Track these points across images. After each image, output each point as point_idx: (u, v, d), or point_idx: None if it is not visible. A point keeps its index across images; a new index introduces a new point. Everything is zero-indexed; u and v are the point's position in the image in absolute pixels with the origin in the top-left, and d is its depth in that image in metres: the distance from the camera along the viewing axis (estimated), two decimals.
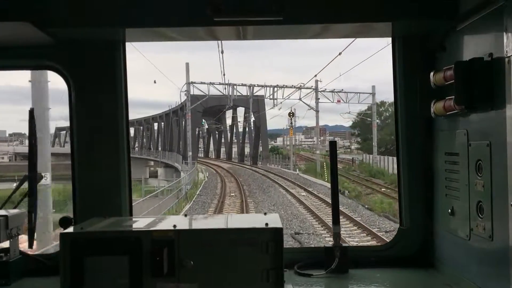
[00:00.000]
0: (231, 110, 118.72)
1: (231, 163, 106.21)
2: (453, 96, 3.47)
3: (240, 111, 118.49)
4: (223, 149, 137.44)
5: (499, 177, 3.13)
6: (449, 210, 3.82)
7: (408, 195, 4.28)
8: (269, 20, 3.76)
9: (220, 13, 3.68)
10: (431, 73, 3.88)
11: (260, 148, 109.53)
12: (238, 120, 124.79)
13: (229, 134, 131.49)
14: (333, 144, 4.19)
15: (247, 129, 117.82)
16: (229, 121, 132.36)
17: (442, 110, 3.76)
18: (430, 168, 4.17)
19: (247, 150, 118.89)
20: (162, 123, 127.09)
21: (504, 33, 3.03)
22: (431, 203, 4.19)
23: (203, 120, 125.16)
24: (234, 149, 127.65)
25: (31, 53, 4.16)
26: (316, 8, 3.81)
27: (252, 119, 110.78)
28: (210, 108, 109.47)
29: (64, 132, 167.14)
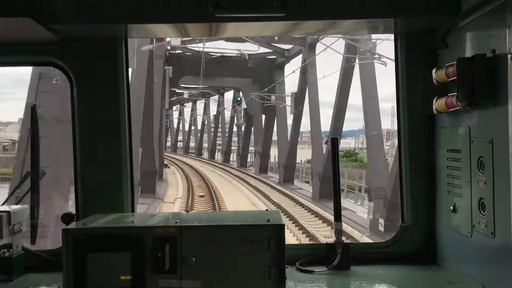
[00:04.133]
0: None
1: None
2: (455, 93, 3.47)
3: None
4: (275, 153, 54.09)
5: (501, 174, 3.12)
6: (451, 207, 3.81)
7: (410, 192, 4.28)
8: (271, 16, 3.76)
9: (222, 9, 3.68)
10: (434, 70, 3.87)
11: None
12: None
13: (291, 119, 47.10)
14: (334, 141, 4.20)
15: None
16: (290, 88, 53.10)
17: (444, 107, 3.76)
18: (432, 165, 4.17)
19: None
20: None
21: (507, 30, 3.02)
22: (433, 200, 4.18)
23: (241, 95, 55.60)
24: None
25: (33, 49, 4.16)
26: (318, 4, 3.80)
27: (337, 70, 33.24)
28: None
29: None
